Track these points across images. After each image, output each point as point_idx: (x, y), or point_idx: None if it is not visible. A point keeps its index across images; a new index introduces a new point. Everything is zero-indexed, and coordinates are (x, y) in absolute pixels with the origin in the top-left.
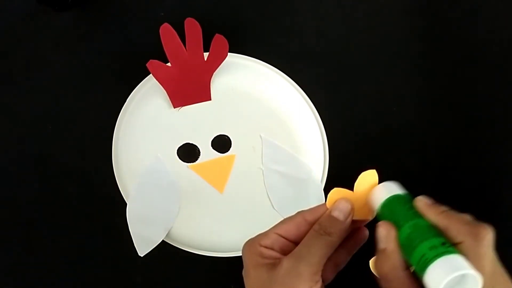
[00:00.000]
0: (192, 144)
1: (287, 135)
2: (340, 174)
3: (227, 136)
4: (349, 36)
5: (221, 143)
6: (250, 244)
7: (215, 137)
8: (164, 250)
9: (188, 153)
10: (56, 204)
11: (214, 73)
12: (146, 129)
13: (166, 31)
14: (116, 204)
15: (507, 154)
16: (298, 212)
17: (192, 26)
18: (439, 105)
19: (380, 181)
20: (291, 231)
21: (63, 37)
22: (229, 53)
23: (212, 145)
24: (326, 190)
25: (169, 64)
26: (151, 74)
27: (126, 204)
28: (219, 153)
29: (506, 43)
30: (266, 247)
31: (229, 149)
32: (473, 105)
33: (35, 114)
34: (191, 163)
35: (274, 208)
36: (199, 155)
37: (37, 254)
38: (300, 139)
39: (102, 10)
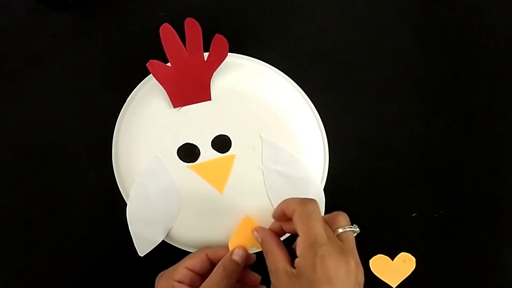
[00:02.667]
0: (192, 144)
1: (287, 135)
2: (340, 174)
3: (227, 136)
4: (349, 35)
5: (221, 143)
6: (165, 278)
7: (215, 137)
8: (164, 250)
9: (188, 153)
10: (56, 204)
11: (214, 73)
12: (146, 129)
13: (166, 31)
14: (116, 204)
15: (507, 154)
16: (201, 249)
17: (192, 26)
18: (440, 105)
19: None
20: (196, 265)
21: (63, 37)
22: (229, 53)
23: (212, 145)
24: (326, 190)
25: (169, 64)
26: (151, 74)
27: (126, 204)
28: (219, 153)
29: (507, 43)
30: (179, 282)
31: (229, 149)
32: (473, 104)
33: (35, 114)
34: (191, 163)
35: (274, 208)
36: (199, 155)
37: (37, 254)
38: (300, 139)
39: (102, 10)
